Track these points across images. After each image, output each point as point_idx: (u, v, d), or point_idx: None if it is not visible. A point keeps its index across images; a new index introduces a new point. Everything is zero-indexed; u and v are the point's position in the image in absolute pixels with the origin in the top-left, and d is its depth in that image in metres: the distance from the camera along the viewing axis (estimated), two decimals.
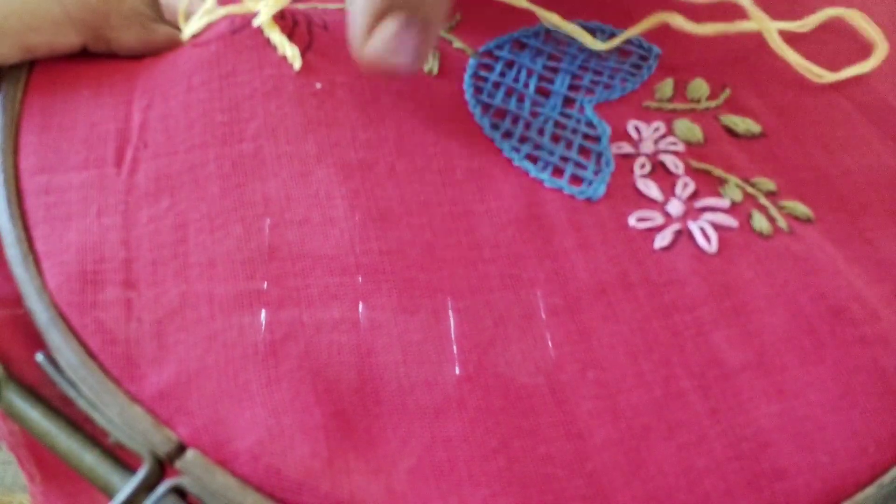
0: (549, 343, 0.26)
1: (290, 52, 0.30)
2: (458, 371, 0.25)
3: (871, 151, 0.33)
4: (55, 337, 0.24)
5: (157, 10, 0.31)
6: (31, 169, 0.27)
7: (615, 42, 0.34)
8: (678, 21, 0.33)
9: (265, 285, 0.25)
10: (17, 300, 0.25)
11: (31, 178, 0.27)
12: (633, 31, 0.34)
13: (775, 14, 0.35)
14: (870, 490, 0.23)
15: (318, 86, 0.30)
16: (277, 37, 0.31)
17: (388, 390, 0.24)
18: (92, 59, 0.31)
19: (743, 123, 0.32)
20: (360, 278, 0.26)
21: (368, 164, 0.29)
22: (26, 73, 0.30)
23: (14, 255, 0.26)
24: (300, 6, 0.33)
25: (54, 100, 0.29)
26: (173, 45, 0.32)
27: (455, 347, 0.25)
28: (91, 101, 0.30)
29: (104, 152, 0.28)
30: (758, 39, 0.35)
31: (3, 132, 0.28)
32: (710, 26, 0.34)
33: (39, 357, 0.24)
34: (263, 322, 0.25)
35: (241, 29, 0.31)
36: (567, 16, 0.34)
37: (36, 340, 0.25)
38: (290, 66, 0.30)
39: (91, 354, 0.24)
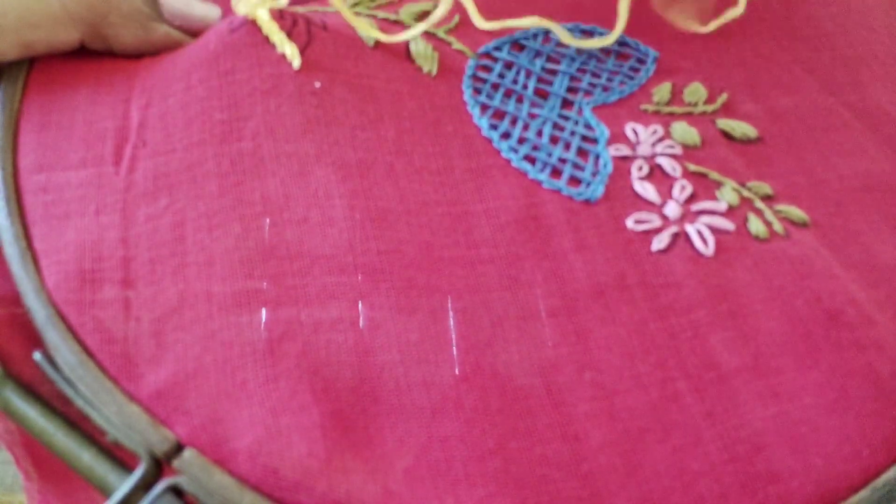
0: (547, 344, 0.26)
1: (290, 50, 0.30)
2: (456, 371, 0.25)
3: (867, 157, 0.33)
4: (53, 335, 0.24)
5: (157, 9, 0.31)
6: (30, 167, 0.27)
7: (609, 39, 0.33)
8: None
9: (264, 284, 0.25)
10: (15, 299, 0.25)
11: (29, 176, 0.27)
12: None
13: None
14: (863, 493, 0.23)
15: (318, 84, 0.30)
16: (277, 34, 0.30)
17: (386, 389, 0.24)
18: (90, 57, 0.31)
19: (739, 128, 0.32)
20: (358, 278, 0.26)
21: (367, 163, 0.29)
22: (25, 71, 0.30)
23: (12, 253, 0.26)
24: (299, 9, 0.33)
25: (53, 98, 0.29)
26: (172, 44, 0.32)
27: (453, 348, 0.25)
28: (89, 99, 0.30)
29: (102, 151, 0.28)
30: (756, 45, 0.35)
31: (2, 130, 0.28)
32: None
33: (37, 356, 0.24)
34: (263, 321, 0.25)
35: (240, 27, 0.31)
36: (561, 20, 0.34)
37: (34, 339, 0.25)
38: (289, 64, 0.30)
39: (89, 353, 0.24)
